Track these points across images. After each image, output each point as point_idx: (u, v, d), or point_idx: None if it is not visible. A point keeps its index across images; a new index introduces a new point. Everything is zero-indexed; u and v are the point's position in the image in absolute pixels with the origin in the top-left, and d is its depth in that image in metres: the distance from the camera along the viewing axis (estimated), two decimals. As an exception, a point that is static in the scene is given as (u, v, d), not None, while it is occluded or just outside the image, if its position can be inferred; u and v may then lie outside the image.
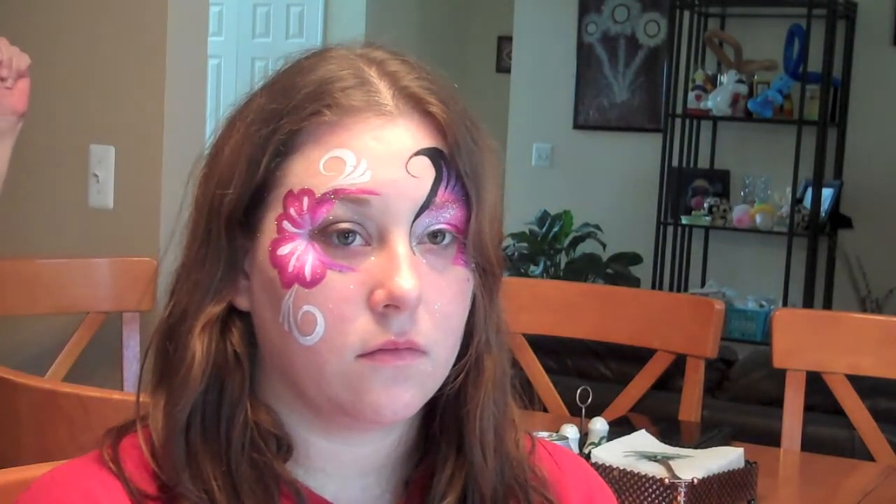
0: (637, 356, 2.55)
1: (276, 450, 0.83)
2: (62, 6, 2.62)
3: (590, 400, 1.98)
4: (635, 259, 5.51)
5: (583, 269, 5.47)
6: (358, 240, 0.80)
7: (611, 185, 5.86)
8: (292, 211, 0.81)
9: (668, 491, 1.70)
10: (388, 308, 0.79)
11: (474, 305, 0.85)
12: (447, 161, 0.82)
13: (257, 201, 0.82)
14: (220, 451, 0.82)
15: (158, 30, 2.53)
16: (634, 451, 1.82)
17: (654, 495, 1.71)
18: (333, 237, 0.80)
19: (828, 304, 5.43)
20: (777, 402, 2.36)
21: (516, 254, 5.50)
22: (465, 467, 0.86)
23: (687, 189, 5.55)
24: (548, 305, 2.49)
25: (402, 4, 6.47)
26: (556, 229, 5.58)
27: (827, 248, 5.45)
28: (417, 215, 0.81)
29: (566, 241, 5.61)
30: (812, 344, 2.30)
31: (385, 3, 6.36)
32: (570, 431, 1.90)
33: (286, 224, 0.81)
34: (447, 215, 0.82)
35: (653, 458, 1.79)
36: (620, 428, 1.98)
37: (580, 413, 2.01)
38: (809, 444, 2.30)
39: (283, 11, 6.55)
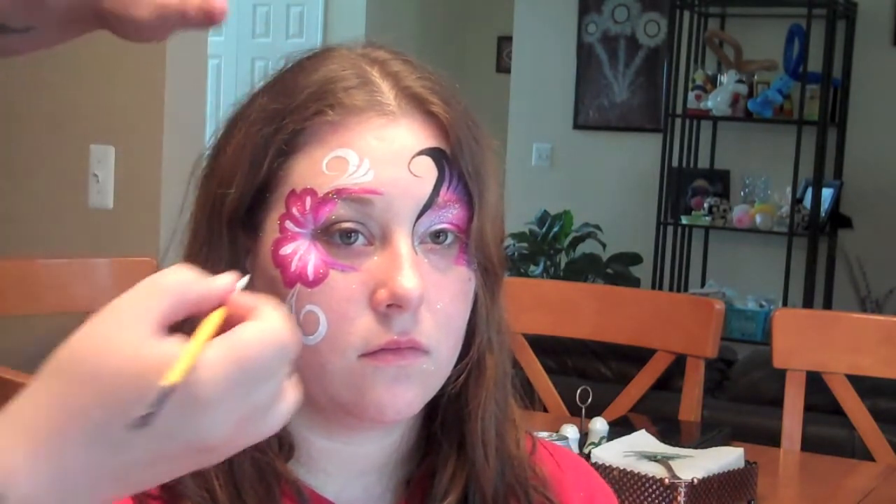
0: (637, 356, 2.55)
1: (277, 449, 0.83)
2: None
3: (590, 400, 1.98)
4: (635, 259, 5.51)
5: (583, 269, 5.46)
6: (360, 239, 0.80)
7: (611, 185, 5.86)
8: (295, 210, 0.81)
9: (668, 491, 1.70)
10: (391, 308, 0.79)
11: (476, 305, 0.86)
12: (449, 161, 0.82)
13: (259, 201, 0.82)
14: None
15: (159, 30, 2.53)
16: (634, 451, 1.82)
17: (654, 495, 1.71)
18: (336, 237, 0.80)
19: (828, 304, 5.42)
20: (777, 402, 2.36)
21: (516, 254, 5.49)
22: (467, 467, 0.87)
23: (687, 189, 5.55)
24: (548, 305, 2.49)
25: (402, 4, 6.47)
26: (556, 229, 5.57)
27: (827, 248, 5.45)
28: (420, 215, 0.81)
29: (566, 241, 5.61)
30: (812, 344, 2.30)
31: (385, 3, 6.36)
32: (570, 431, 1.90)
33: (289, 224, 0.81)
34: (449, 215, 0.82)
35: (653, 458, 1.79)
36: (620, 428, 1.98)
37: (580, 413, 2.01)
38: (809, 444, 2.30)
39: (283, 11, 6.54)
